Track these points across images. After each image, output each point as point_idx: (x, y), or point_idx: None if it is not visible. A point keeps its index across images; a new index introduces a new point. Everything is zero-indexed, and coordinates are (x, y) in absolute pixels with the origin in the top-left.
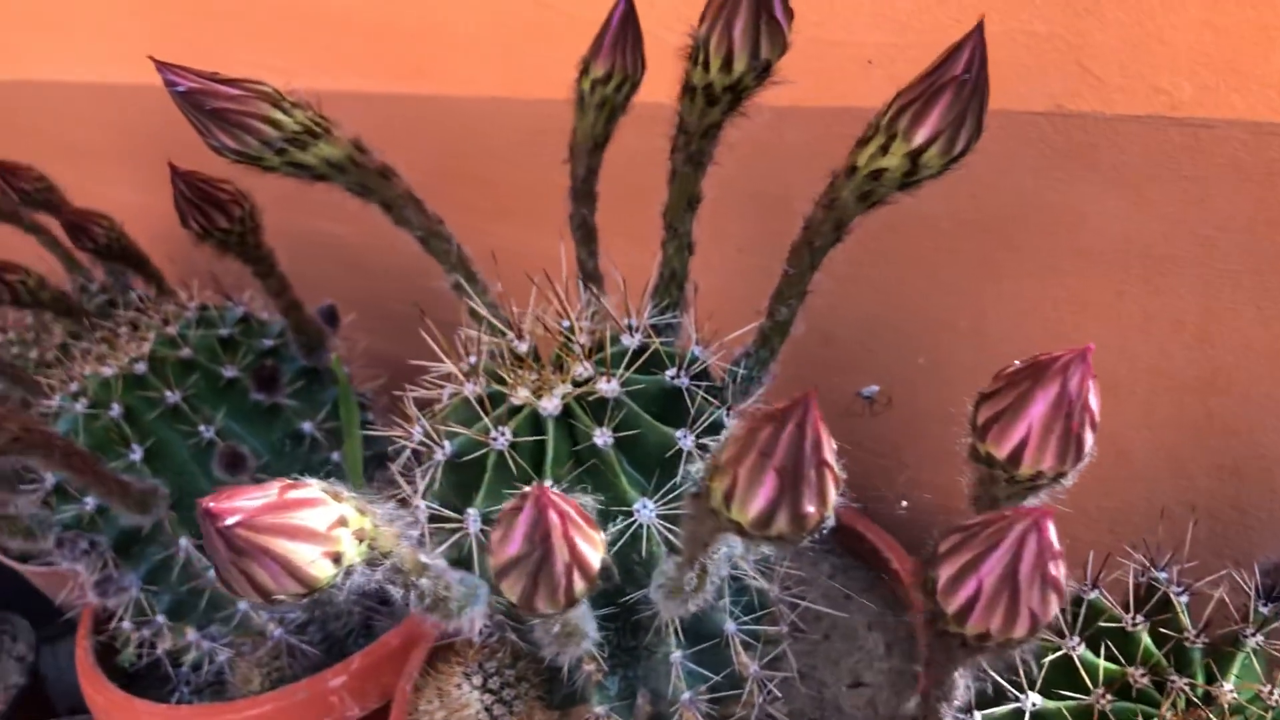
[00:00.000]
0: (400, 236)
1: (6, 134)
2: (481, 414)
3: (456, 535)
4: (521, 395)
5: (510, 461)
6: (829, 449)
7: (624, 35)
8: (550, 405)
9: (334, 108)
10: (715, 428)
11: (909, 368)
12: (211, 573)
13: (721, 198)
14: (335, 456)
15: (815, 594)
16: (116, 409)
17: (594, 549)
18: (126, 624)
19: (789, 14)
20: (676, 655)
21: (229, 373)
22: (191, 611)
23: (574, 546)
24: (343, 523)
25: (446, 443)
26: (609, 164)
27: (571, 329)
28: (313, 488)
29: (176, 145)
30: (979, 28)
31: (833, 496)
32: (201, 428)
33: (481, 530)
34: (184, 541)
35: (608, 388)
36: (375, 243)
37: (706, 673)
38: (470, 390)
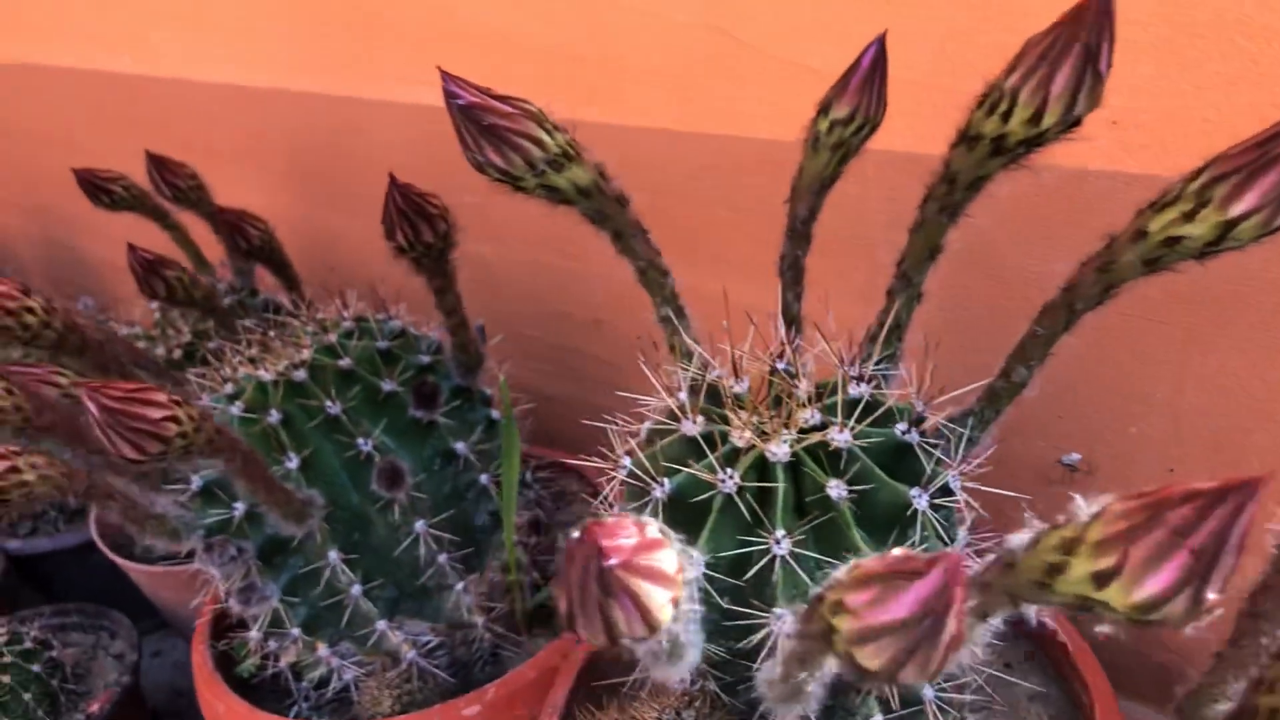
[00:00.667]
0: (540, 260)
1: (137, 128)
2: (708, 452)
3: None
4: (746, 437)
5: (742, 507)
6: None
7: (873, 77)
8: (780, 451)
9: None
10: (945, 489)
11: (1098, 435)
12: (356, 588)
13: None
14: (483, 479)
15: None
16: (275, 415)
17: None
18: (254, 633)
19: (1110, 67)
20: (878, 719)
21: (388, 386)
22: (326, 626)
23: (961, 620)
24: (682, 567)
25: (665, 480)
26: (775, 206)
27: (793, 373)
28: (653, 526)
29: (304, 151)
30: None
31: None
32: (359, 440)
33: (702, 574)
34: (333, 555)
35: (841, 438)
36: (516, 265)
37: None
38: (690, 428)
